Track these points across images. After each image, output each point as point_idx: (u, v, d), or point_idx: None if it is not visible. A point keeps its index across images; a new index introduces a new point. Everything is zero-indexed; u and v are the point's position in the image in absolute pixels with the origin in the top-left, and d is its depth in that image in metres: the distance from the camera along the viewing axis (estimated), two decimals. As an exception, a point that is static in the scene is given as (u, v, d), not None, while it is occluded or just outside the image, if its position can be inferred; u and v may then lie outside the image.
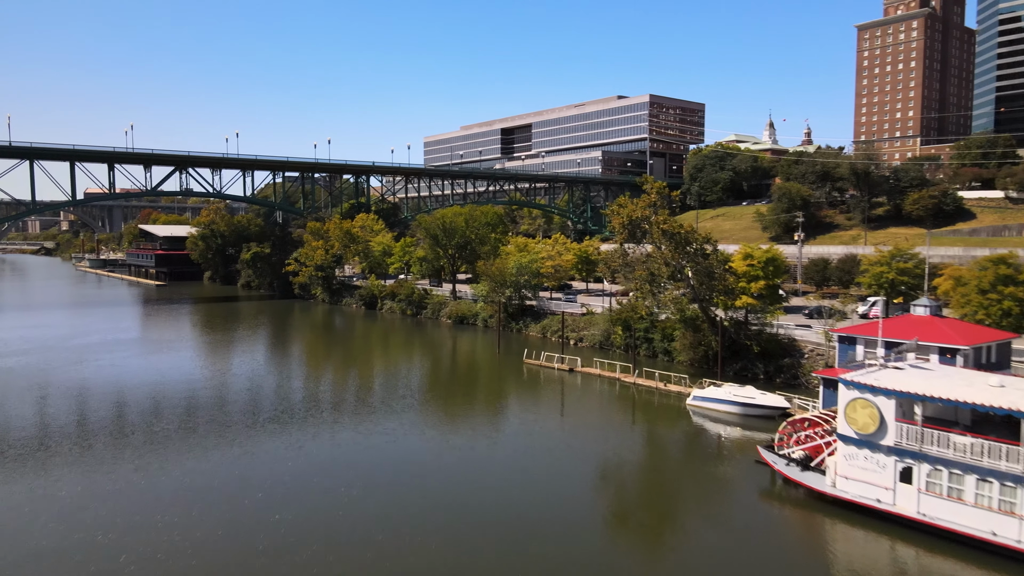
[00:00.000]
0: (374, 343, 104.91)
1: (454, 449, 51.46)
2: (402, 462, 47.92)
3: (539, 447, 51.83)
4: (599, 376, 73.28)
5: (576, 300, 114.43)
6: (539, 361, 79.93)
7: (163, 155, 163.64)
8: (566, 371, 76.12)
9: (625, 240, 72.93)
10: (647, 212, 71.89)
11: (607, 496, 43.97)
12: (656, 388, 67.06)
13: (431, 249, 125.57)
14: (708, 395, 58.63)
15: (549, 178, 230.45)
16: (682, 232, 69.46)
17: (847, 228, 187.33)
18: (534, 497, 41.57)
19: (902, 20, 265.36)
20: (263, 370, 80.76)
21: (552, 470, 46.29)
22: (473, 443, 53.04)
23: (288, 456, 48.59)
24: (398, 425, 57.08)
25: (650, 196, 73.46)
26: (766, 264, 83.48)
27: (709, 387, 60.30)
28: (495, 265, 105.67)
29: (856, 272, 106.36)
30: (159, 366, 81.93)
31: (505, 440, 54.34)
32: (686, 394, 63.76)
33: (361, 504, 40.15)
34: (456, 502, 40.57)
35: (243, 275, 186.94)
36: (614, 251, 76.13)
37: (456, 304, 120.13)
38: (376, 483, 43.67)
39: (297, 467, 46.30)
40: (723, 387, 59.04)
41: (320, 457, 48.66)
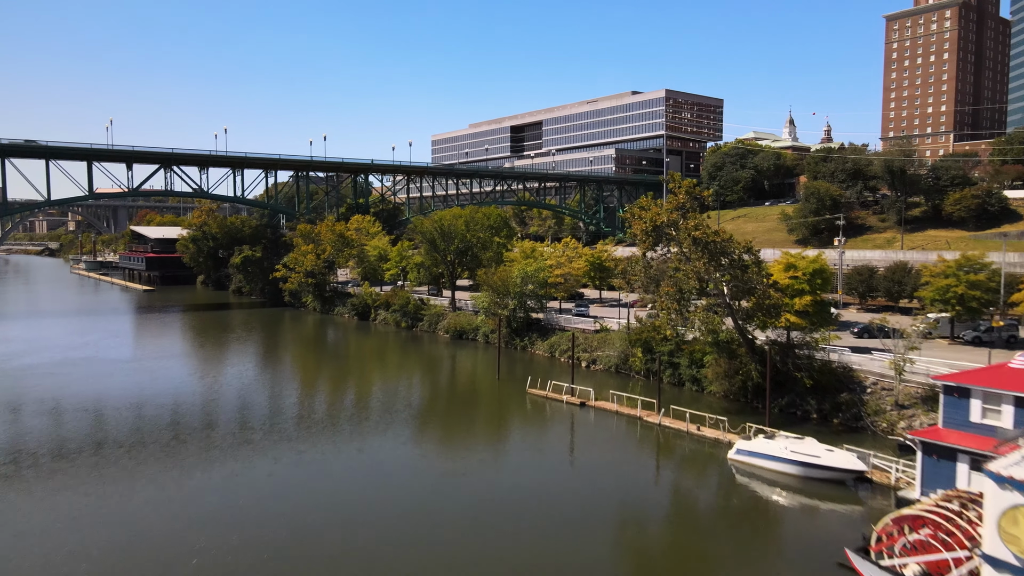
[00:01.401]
0: (362, 363, 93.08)
1: (440, 499, 40.37)
2: (379, 510, 36.48)
3: (535, 514, 39.72)
4: (616, 413, 61.00)
5: (588, 312, 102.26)
6: (545, 392, 67.75)
7: (146, 152, 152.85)
8: (576, 405, 63.92)
9: (648, 249, 60.52)
10: (674, 216, 59.55)
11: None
12: (687, 432, 54.69)
13: (428, 255, 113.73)
14: (757, 449, 46.12)
15: (560, 177, 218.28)
16: (718, 240, 57.10)
17: (881, 230, 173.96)
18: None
19: (934, 9, 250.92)
20: (233, 397, 69.02)
21: (551, 550, 34.25)
22: (458, 500, 41.35)
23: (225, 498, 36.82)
24: (375, 462, 45.41)
25: (677, 196, 61.11)
26: (812, 276, 70.81)
27: (757, 437, 47.83)
28: (497, 274, 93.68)
29: (907, 282, 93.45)
30: (101, 390, 70.39)
31: (494, 499, 42.35)
32: (724, 442, 51.40)
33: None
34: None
35: (234, 280, 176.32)
36: (634, 261, 63.70)
37: (455, 316, 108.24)
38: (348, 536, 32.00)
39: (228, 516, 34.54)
40: (776, 439, 46.53)
41: (255, 512, 36.84)
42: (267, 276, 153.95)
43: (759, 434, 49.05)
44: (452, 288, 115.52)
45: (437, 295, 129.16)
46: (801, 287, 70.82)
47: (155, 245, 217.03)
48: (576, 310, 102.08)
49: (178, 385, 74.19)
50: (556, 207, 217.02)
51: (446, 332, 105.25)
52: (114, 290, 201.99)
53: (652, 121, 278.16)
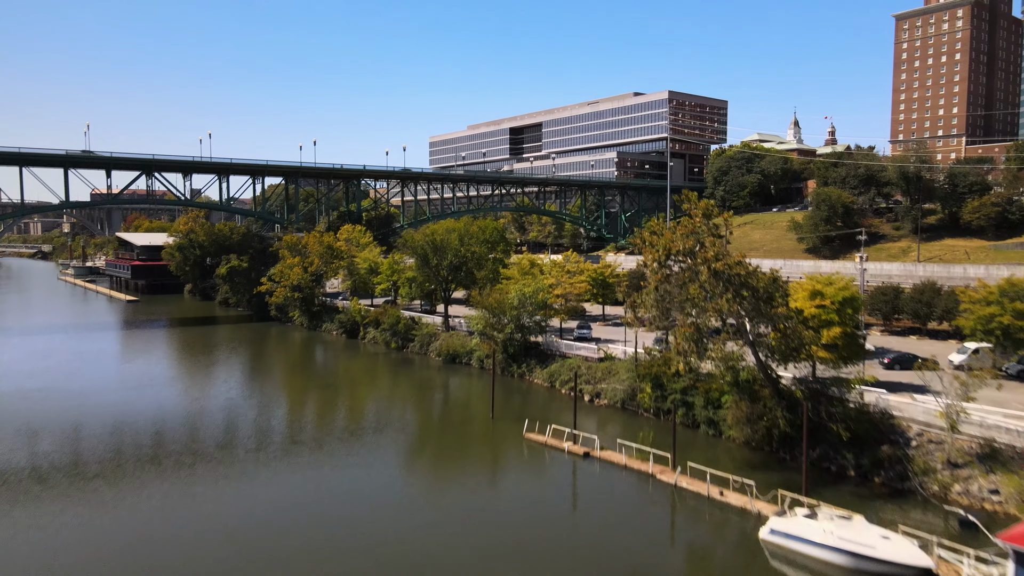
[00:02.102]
0: (347, 392, 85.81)
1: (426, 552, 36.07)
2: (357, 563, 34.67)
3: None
4: (625, 467, 53.75)
5: (591, 334, 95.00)
6: (544, 437, 60.47)
7: (126, 159, 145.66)
8: (580, 456, 56.66)
9: (661, 282, 53.14)
10: (690, 242, 52.26)
11: None
12: (708, 496, 47.45)
13: (420, 270, 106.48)
14: (796, 531, 38.71)
15: (560, 182, 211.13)
16: (742, 273, 49.85)
17: (895, 239, 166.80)
18: None
19: (945, 8, 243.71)
20: (209, 431, 61.73)
21: None
22: (445, 554, 34.53)
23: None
24: (355, 509, 38.37)
25: (693, 219, 53.90)
26: (842, 305, 63.69)
27: (795, 513, 40.53)
28: (492, 296, 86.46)
29: (937, 304, 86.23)
30: (36, 436, 63.12)
31: (485, 555, 35.37)
32: (752, 512, 44.17)
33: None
34: None
35: (220, 291, 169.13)
36: (645, 294, 56.36)
37: (448, 338, 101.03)
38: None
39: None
40: (818, 517, 39.20)
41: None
42: (254, 287, 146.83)
43: (795, 507, 41.79)
44: (445, 306, 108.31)
45: (430, 311, 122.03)
46: (829, 317, 63.76)
47: (141, 253, 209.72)
48: (577, 332, 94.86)
49: (127, 419, 66.83)
50: (556, 213, 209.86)
51: (438, 355, 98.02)
52: (98, 300, 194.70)
53: (655, 123, 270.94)
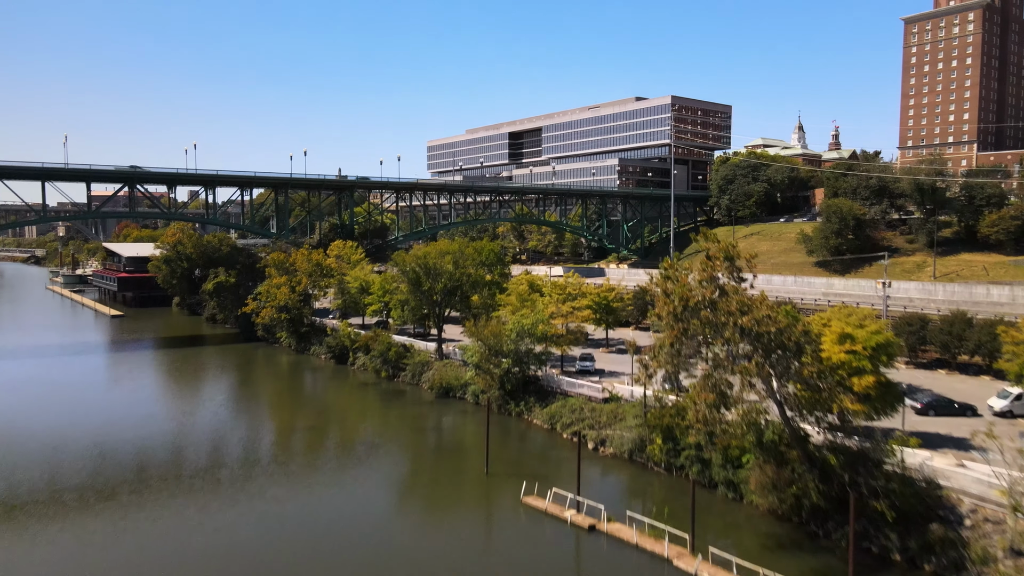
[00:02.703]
0: (329, 431, 79.33)
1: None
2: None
3: None
4: (636, 546, 47.30)
5: (593, 365, 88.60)
6: (544, 503, 53.97)
7: (106, 171, 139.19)
8: (584, 528, 50.22)
9: (678, 337, 46.68)
10: (710, 291, 45.88)
11: None
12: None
13: (412, 294, 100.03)
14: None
15: (560, 192, 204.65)
16: (772, 331, 43.44)
17: (909, 253, 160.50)
18: None
19: (955, 12, 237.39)
20: (184, 474, 55.34)
21: None
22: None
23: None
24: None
25: (714, 264, 47.54)
26: (877, 351, 57.21)
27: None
28: (488, 328, 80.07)
29: (970, 337, 79.77)
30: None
31: None
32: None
33: None
34: None
35: (207, 307, 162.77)
36: (658, 352, 49.78)
37: (442, 368, 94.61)
38: None
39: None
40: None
41: None
42: (242, 303, 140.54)
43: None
44: (439, 333, 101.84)
45: (423, 334, 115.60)
46: (861, 365, 57.14)
47: (128, 264, 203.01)
48: (580, 365, 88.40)
49: (99, 464, 60.41)
50: (557, 224, 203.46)
51: (431, 388, 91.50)
52: (84, 314, 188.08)
53: (657, 129, 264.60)
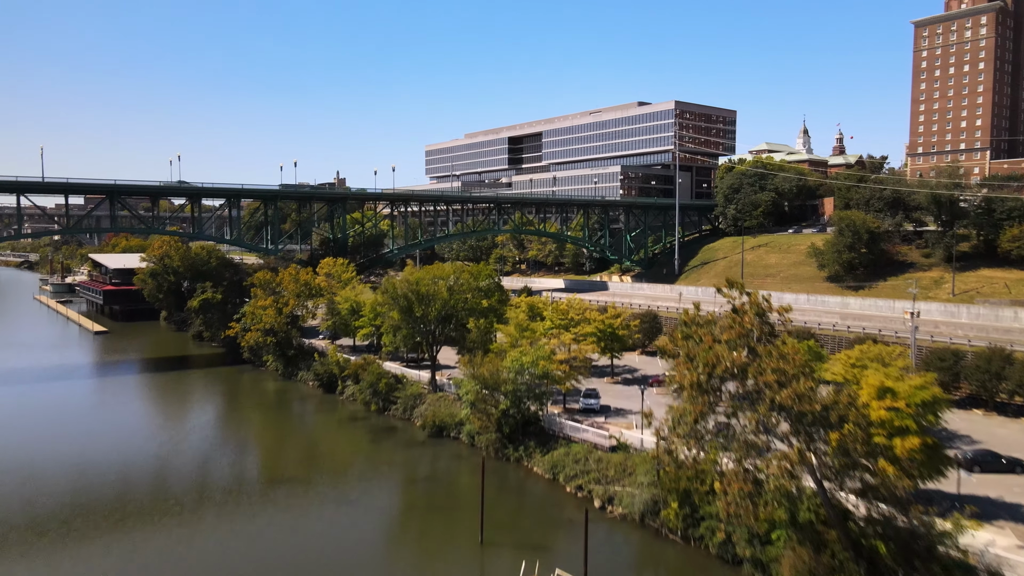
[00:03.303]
0: (312, 479, 72.58)
1: None
2: None
3: None
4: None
5: (598, 403, 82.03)
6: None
7: (85, 184, 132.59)
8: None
9: (703, 413, 40.06)
10: (741, 356, 39.31)
11: None
12: None
13: (403, 322, 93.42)
14: None
15: (561, 202, 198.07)
16: (817, 410, 36.82)
17: (925, 268, 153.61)
18: None
19: (967, 15, 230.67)
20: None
21: None
22: None
23: None
24: None
25: (742, 319, 40.97)
26: (922, 409, 50.66)
27: None
28: (485, 366, 73.58)
29: (1010, 375, 73.25)
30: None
31: None
32: None
33: None
34: None
35: (194, 323, 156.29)
36: (679, 428, 43.06)
37: (435, 402, 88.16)
38: None
39: None
40: None
41: None
42: (228, 321, 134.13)
43: None
44: (432, 364, 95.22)
45: (416, 360, 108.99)
46: (904, 424, 50.67)
47: (114, 276, 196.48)
48: (583, 402, 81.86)
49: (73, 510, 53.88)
50: (558, 235, 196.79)
51: (423, 425, 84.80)
52: (68, 329, 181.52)
53: (660, 135, 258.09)
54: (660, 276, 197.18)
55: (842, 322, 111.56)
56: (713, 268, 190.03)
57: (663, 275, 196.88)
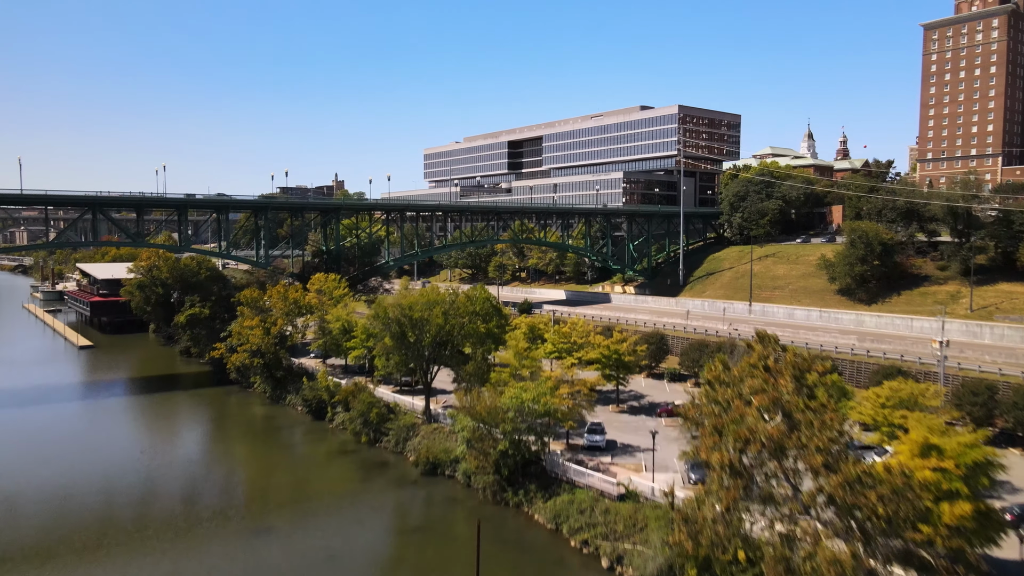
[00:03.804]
0: (290, 518, 66.84)
1: None
2: None
3: None
4: None
5: (603, 440, 76.25)
6: None
7: (65, 196, 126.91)
8: None
9: (736, 501, 34.28)
10: (777, 428, 33.61)
11: None
12: None
13: (396, 349, 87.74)
14: None
15: (562, 211, 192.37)
16: (874, 500, 31.17)
17: (941, 281, 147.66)
18: None
19: (978, 18, 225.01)
20: None
21: None
22: None
23: None
24: None
25: (776, 382, 35.29)
26: (972, 472, 45.03)
27: None
28: (482, 403, 67.98)
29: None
30: None
31: None
32: None
33: None
34: None
35: (182, 339, 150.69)
36: (705, 511, 37.30)
37: (429, 434, 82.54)
38: None
39: None
40: None
41: None
42: (217, 337, 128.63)
43: None
44: (427, 392, 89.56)
45: (410, 385, 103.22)
46: (954, 487, 45.06)
47: (102, 287, 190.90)
48: (587, 439, 76.08)
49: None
50: (559, 245, 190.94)
51: (416, 462, 79.01)
52: (54, 343, 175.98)
53: (664, 140, 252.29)
54: (664, 287, 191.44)
55: (860, 344, 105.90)
56: (719, 279, 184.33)
57: (667, 286, 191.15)
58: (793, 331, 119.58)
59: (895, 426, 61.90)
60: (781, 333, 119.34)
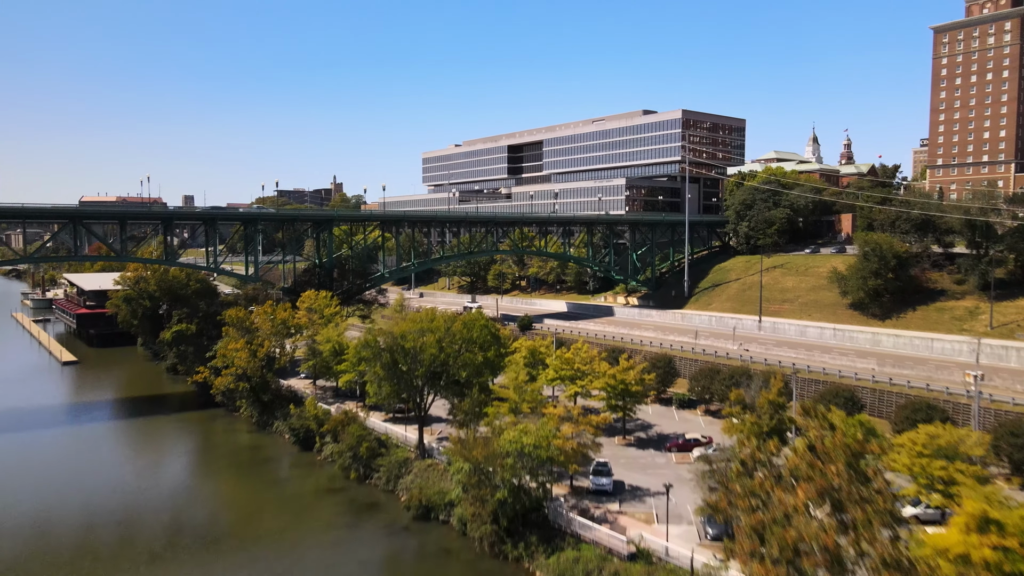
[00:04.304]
0: (267, 564, 61.02)
1: None
2: None
3: None
4: None
5: (610, 483, 70.38)
6: None
7: (43, 209, 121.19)
8: None
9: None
10: (830, 538, 27.78)
11: None
12: None
13: (387, 379, 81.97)
14: None
15: (564, 221, 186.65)
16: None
17: (957, 296, 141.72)
18: None
19: (990, 21, 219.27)
20: None
21: None
22: None
23: None
24: None
25: (826, 467, 29.55)
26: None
27: None
28: (478, 449, 62.22)
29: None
30: None
31: None
32: None
33: None
34: None
35: (168, 356, 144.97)
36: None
37: (423, 472, 76.81)
38: None
39: None
40: None
41: None
42: (204, 354, 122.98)
43: None
44: (420, 425, 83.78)
45: (404, 412, 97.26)
46: (1017, 568, 39.37)
47: (89, 298, 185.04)
48: (593, 481, 70.30)
49: None
50: (560, 255, 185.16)
51: (408, 504, 73.11)
52: (39, 356, 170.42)
53: (667, 145, 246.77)
54: (668, 298, 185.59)
55: (880, 369, 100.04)
56: (725, 291, 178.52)
57: (671, 297, 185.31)
58: (807, 352, 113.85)
59: (935, 478, 56.31)
60: (795, 355, 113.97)
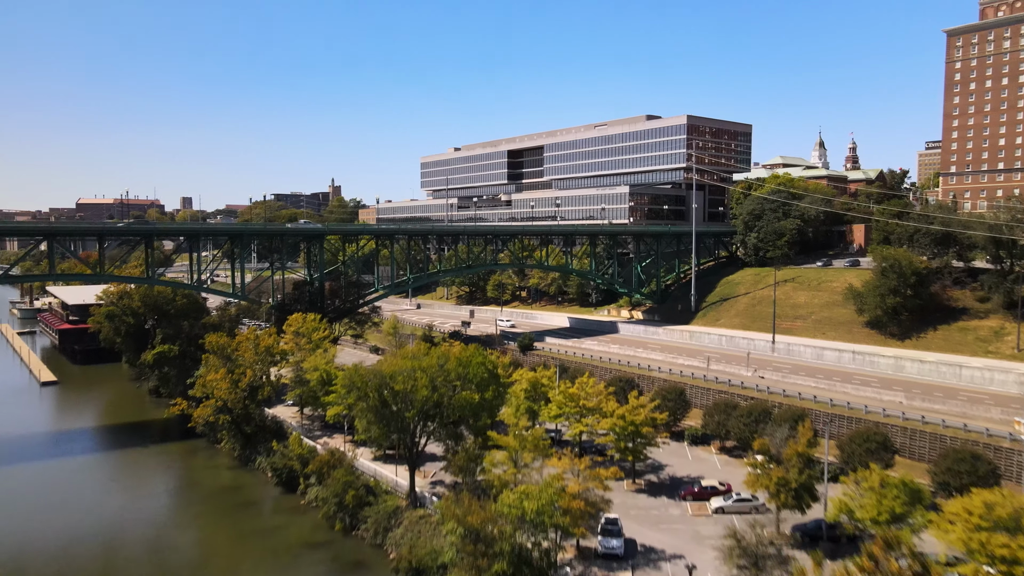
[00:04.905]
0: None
1: None
2: None
3: None
4: None
5: (620, 546, 63.30)
6: None
7: (19, 227, 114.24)
8: None
9: None
10: None
11: None
12: None
13: (376, 422, 75.04)
14: None
15: (566, 232, 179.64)
16: None
17: (981, 315, 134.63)
18: None
19: (1006, 24, 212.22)
20: None
21: None
22: None
23: None
24: None
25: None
26: None
27: None
28: (474, 515, 55.25)
29: None
30: None
31: None
32: None
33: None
34: None
35: (151, 378, 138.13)
36: None
37: (414, 525, 69.90)
38: None
39: None
40: None
41: None
42: (187, 377, 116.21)
43: None
44: (411, 467, 76.81)
45: (395, 453, 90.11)
46: None
47: (73, 313, 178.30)
48: (601, 542, 63.26)
49: None
50: (562, 267, 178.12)
51: (397, 566, 66.13)
52: (17, 375, 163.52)
53: (671, 151, 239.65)
54: (674, 312, 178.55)
55: (908, 403, 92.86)
56: (734, 306, 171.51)
57: (677, 312, 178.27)
58: (827, 380, 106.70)
59: (996, 557, 49.29)
60: (814, 384, 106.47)
